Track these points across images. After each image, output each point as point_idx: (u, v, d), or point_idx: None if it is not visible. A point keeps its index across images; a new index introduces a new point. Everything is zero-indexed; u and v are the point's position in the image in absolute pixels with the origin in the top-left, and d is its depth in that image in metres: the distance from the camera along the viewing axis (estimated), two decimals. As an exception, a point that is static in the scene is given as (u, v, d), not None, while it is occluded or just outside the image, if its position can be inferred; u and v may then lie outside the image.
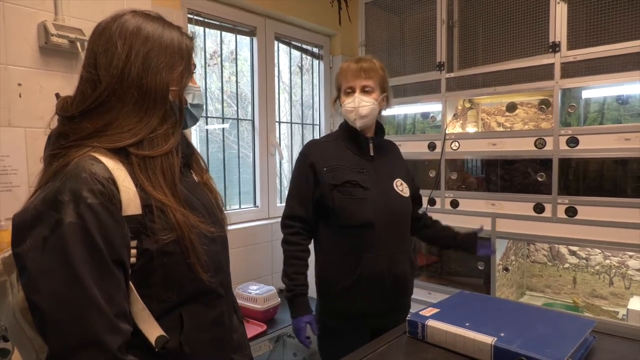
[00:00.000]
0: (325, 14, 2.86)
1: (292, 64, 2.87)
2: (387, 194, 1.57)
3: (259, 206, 2.62)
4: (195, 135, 2.30)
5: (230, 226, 2.42)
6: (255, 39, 2.55)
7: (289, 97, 2.88)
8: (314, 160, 1.57)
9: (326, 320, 1.61)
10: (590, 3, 1.86)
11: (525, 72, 2.06)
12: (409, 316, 1.01)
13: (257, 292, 2.10)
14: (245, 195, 2.59)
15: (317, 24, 2.81)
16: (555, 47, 1.95)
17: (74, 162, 0.73)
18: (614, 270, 2.16)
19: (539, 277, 2.43)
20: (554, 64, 1.97)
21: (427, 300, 2.31)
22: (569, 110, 2.05)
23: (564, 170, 1.97)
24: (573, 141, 1.92)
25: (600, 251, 2.19)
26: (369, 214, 1.51)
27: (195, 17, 2.24)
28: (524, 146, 2.06)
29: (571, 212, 1.94)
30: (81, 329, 0.67)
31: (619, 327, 1.81)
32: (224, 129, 2.48)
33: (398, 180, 1.62)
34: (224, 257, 0.94)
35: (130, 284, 0.75)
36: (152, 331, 0.75)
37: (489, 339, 0.85)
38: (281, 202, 2.80)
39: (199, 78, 2.25)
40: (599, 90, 1.98)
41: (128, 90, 0.80)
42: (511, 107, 2.35)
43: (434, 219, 1.84)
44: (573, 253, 2.29)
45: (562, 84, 1.96)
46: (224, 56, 2.45)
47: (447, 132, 2.32)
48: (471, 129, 2.47)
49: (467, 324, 0.92)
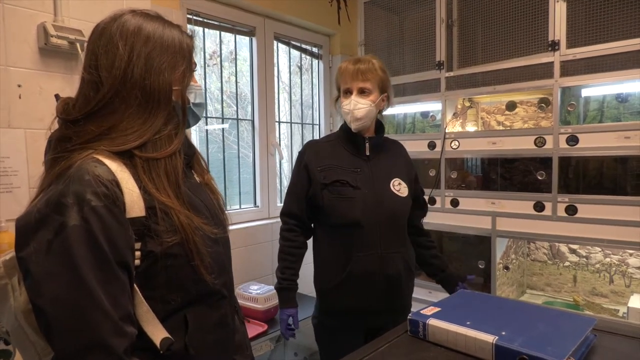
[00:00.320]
0: (325, 14, 2.86)
1: (291, 63, 2.87)
2: (382, 193, 1.57)
3: (259, 206, 2.62)
4: (195, 136, 2.30)
5: (231, 226, 2.42)
6: (254, 39, 2.55)
7: (289, 97, 2.88)
8: (307, 160, 1.61)
9: (323, 317, 1.63)
10: (589, 1, 1.86)
11: (524, 70, 2.06)
12: (410, 315, 1.01)
13: (258, 292, 2.11)
14: (245, 195, 2.59)
15: (317, 23, 2.81)
16: (554, 46, 1.95)
17: (77, 165, 0.73)
18: (614, 269, 2.16)
19: (539, 275, 2.43)
20: (553, 62, 1.97)
21: (427, 299, 2.32)
22: (568, 108, 2.05)
23: (563, 168, 1.97)
24: (573, 139, 1.92)
25: (601, 249, 2.19)
26: (357, 213, 1.52)
27: (195, 17, 2.24)
28: (524, 145, 2.06)
29: (571, 210, 1.94)
30: (86, 332, 0.66)
31: (619, 325, 1.81)
32: (223, 129, 2.48)
33: (396, 180, 1.62)
34: (226, 258, 0.94)
35: (135, 286, 0.75)
36: (157, 333, 0.75)
37: (490, 338, 0.85)
38: (281, 201, 2.80)
39: (198, 78, 2.24)
40: (598, 89, 1.98)
41: (131, 92, 0.79)
42: (511, 106, 2.36)
43: (433, 242, 1.78)
44: (573, 251, 2.29)
45: (562, 82, 1.96)
46: (223, 56, 2.45)
47: (446, 131, 2.32)
48: (471, 127, 2.47)
49: (468, 322, 0.92)
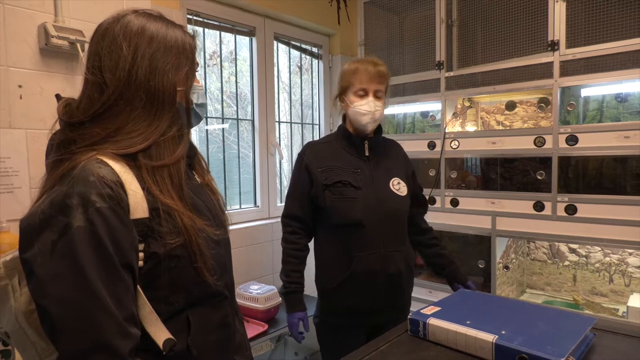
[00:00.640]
0: (324, 14, 2.86)
1: (291, 63, 2.87)
2: (382, 193, 1.58)
3: (259, 206, 2.62)
4: (195, 136, 2.30)
5: (231, 226, 2.42)
6: (254, 39, 2.56)
7: (289, 96, 2.88)
8: (308, 161, 1.61)
9: (325, 317, 1.64)
10: (589, 1, 1.87)
11: (524, 70, 2.06)
12: (410, 314, 1.01)
13: (258, 291, 2.11)
14: (245, 195, 2.59)
15: (316, 23, 2.81)
16: (554, 46, 1.96)
17: (81, 166, 0.72)
18: (613, 268, 2.16)
19: (539, 275, 2.43)
20: (553, 62, 1.97)
21: (427, 299, 2.32)
22: (568, 108, 2.05)
23: (563, 168, 1.98)
24: (572, 139, 1.92)
25: (600, 249, 2.20)
26: (359, 213, 1.53)
27: (195, 17, 2.25)
28: (524, 144, 2.06)
29: (571, 209, 1.94)
30: (91, 333, 0.66)
31: (619, 324, 1.82)
32: (223, 129, 2.48)
33: (395, 179, 1.63)
34: (227, 259, 0.94)
35: (138, 287, 0.75)
36: (160, 334, 0.75)
37: (490, 337, 0.86)
38: (281, 201, 2.80)
39: (199, 78, 2.25)
40: (598, 89, 1.98)
41: (136, 93, 0.78)
42: (510, 106, 2.36)
43: (436, 239, 1.78)
44: (573, 251, 2.30)
45: (561, 82, 1.96)
46: (223, 56, 2.45)
47: (446, 131, 2.32)
48: (471, 127, 2.48)
49: (468, 322, 0.93)
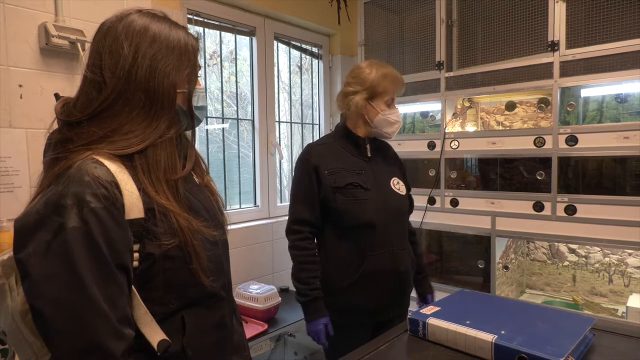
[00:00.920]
0: (325, 14, 2.86)
1: (291, 63, 2.88)
2: (386, 193, 1.60)
3: (259, 206, 2.62)
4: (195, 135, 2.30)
5: (231, 226, 2.42)
6: (254, 39, 2.56)
7: (289, 96, 2.88)
8: (316, 163, 1.58)
9: (332, 316, 1.62)
10: (589, 2, 1.87)
11: (524, 71, 2.06)
12: (409, 314, 1.01)
13: (258, 291, 2.11)
14: (245, 195, 2.59)
15: (317, 23, 2.81)
16: (554, 46, 1.96)
17: (77, 166, 0.72)
18: (613, 268, 2.16)
19: (538, 275, 2.43)
20: (552, 62, 1.97)
21: (427, 299, 2.32)
22: (568, 108, 2.05)
23: (563, 168, 1.98)
24: (572, 140, 1.93)
25: (600, 249, 2.20)
26: (371, 214, 1.54)
27: (195, 17, 2.25)
28: (524, 145, 2.06)
29: (570, 210, 1.94)
30: (85, 334, 0.66)
31: (618, 324, 1.82)
32: (223, 128, 2.48)
33: (395, 179, 1.66)
34: (225, 260, 0.93)
35: (133, 288, 0.74)
36: (155, 335, 0.75)
37: (489, 337, 0.86)
38: (281, 201, 2.80)
39: (200, 78, 2.25)
40: (597, 89, 1.98)
41: (135, 94, 0.78)
42: (510, 106, 2.36)
43: (415, 244, 1.79)
44: (572, 251, 2.30)
45: (561, 82, 1.96)
46: (223, 56, 2.45)
47: (446, 131, 2.32)
48: (470, 127, 2.48)
49: (467, 322, 0.93)
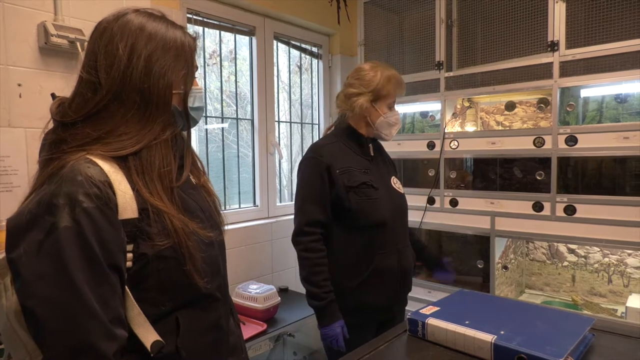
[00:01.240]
0: (324, 13, 2.86)
1: (291, 63, 2.87)
2: (390, 192, 1.64)
3: (258, 205, 2.62)
4: (194, 135, 2.30)
5: (230, 225, 2.44)
6: (254, 39, 2.56)
7: (288, 96, 2.88)
8: (328, 162, 1.56)
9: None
10: (589, 2, 1.87)
11: (524, 71, 2.06)
12: (409, 314, 1.01)
13: (257, 291, 2.11)
14: (244, 195, 2.59)
15: (316, 23, 2.81)
16: (553, 46, 1.96)
17: (70, 165, 0.72)
18: (612, 268, 2.16)
19: (538, 275, 2.43)
20: (552, 62, 1.97)
21: (426, 299, 2.32)
22: (567, 109, 2.05)
23: (562, 168, 1.98)
24: (572, 140, 1.93)
25: (599, 249, 2.20)
26: (382, 213, 1.56)
27: (195, 16, 2.25)
28: (523, 145, 2.06)
29: (570, 210, 1.94)
30: (76, 335, 0.66)
31: (617, 324, 1.82)
32: (223, 128, 2.48)
33: (394, 178, 1.70)
34: (221, 261, 0.93)
35: (126, 288, 0.74)
36: (148, 336, 0.74)
37: (489, 337, 0.86)
38: (281, 201, 2.80)
39: (198, 78, 2.25)
40: (597, 89, 1.98)
41: (130, 95, 0.78)
42: (510, 106, 2.36)
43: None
44: (572, 251, 2.30)
45: (561, 82, 1.96)
46: (223, 56, 2.45)
47: (446, 131, 2.32)
48: (470, 127, 2.48)
49: (467, 322, 0.93)
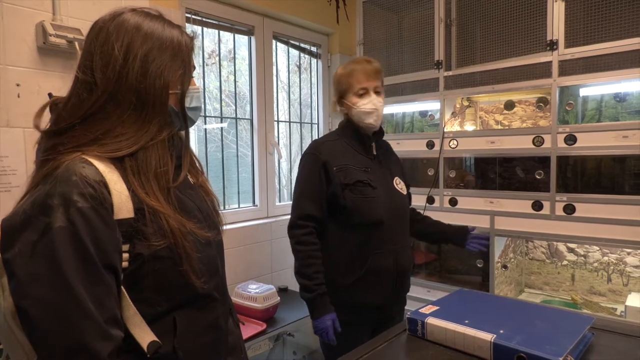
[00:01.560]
0: (323, 13, 2.86)
1: (290, 62, 2.87)
2: (391, 191, 1.62)
3: (258, 205, 2.62)
4: (193, 135, 2.30)
5: (230, 225, 2.44)
6: (253, 38, 2.55)
7: (287, 96, 2.88)
8: (325, 159, 1.56)
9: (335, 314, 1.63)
10: (588, 1, 1.87)
11: (523, 70, 2.06)
12: (408, 314, 1.01)
13: (257, 291, 2.10)
14: (244, 195, 2.59)
15: (315, 22, 2.81)
16: (553, 45, 1.96)
17: (65, 165, 0.71)
18: (612, 267, 2.16)
19: (537, 274, 2.43)
20: (551, 62, 1.97)
21: (426, 298, 2.32)
22: (566, 108, 2.05)
23: (562, 167, 1.98)
24: (571, 139, 1.93)
25: (599, 248, 2.20)
26: (380, 212, 1.55)
27: (193, 16, 2.24)
28: (522, 144, 2.06)
29: (569, 209, 1.94)
30: (70, 335, 0.65)
31: (617, 323, 1.81)
32: (222, 128, 2.48)
33: (397, 178, 1.68)
34: (219, 260, 0.92)
35: (122, 288, 0.74)
36: (144, 336, 0.74)
37: (488, 336, 0.86)
38: (280, 201, 2.80)
39: (197, 77, 2.24)
40: (596, 88, 1.98)
41: (126, 95, 0.77)
42: (509, 105, 2.36)
43: (421, 214, 1.89)
44: (571, 250, 2.30)
45: (560, 81, 1.96)
46: (222, 55, 2.45)
47: (445, 130, 2.32)
48: (469, 127, 2.48)
49: (466, 321, 0.93)
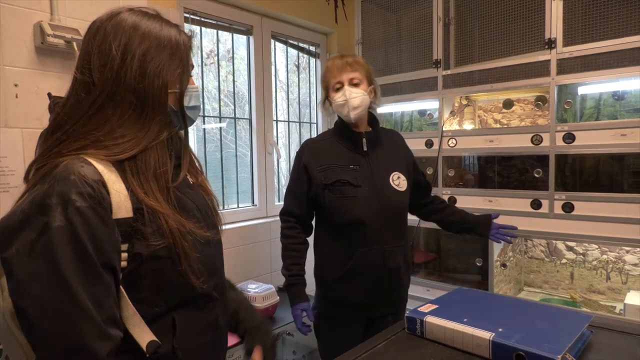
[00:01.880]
0: (322, 12, 2.86)
1: (288, 62, 2.87)
2: (382, 189, 1.58)
3: (257, 205, 2.62)
4: (192, 135, 2.30)
5: (229, 225, 2.44)
6: (251, 38, 2.55)
7: (286, 95, 2.88)
8: (306, 161, 1.61)
9: (324, 308, 1.66)
10: (586, -1, 1.87)
11: (521, 68, 2.06)
12: (407, 312, 1.01)
13: (256, 290, 2.11)
14: (243, 194, 2.59)
15: (314, 22, 2.81)
16: (551, 44, 1.96)
17: (63, 165, 0.71)
18: (611, 266, 2.17)
19: (536, 272, 2.44)
20: (550, 60, 1.97)
21: (425, 297, 2.32)
22: (565, 106, 2.05)
23: (560, 166, 1.98)
24: (569, 137, 1.93)
25: (597, 246, 2.20)
26: (359, 211, 1.53)
27: (192, 16, 2.24)
28: (521, 142, 2.06)
29: (568, 207, 1.94)
30: (69, 335, 0.65)
31: (616, 321, 1.82)
32: (221, 128, 2.48)
33: (395, 174, 1.62)
34: (218, 260, 0.92)
35: (121, 288, 0.73)
36: (143, 336, 0.74)
37: (487, 335, 0.86)
38: (279, 200, 2.80)
39: (195, 77, 2.24)
40: (595, 87, 1.98)
41: (125, 96, 0.77)
42: (508, 104, 2.36)
43: (444, 202, 1.87)
44: (570, 249, 2.30)
45: (558, 80, 1.96)
46: (220, 55, 2.45)
47: (444, 129, 2.32)
48: (468, 126, 2.48)
49: (465, 319, 0.93)
